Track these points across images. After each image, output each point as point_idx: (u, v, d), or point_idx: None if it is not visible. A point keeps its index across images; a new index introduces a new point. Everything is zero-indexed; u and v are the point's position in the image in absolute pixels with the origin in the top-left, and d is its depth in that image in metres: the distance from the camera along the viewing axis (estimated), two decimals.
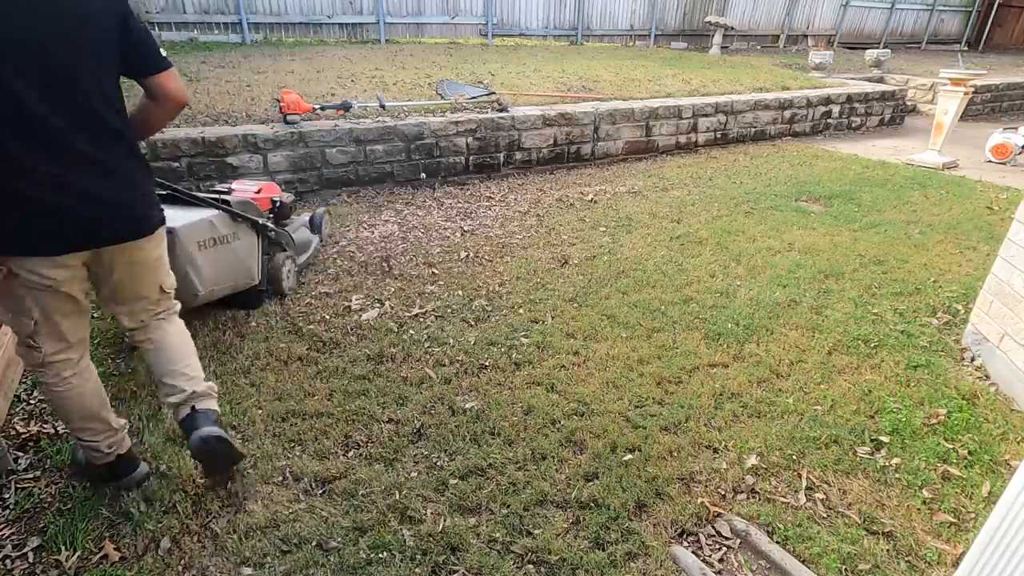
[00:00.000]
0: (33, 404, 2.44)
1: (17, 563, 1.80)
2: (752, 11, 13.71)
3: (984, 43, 18.48)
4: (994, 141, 7.01)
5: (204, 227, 2.79)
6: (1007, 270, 2.85)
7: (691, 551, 1.93)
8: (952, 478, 2.23)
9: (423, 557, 1.87)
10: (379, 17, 9.74)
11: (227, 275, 2.98)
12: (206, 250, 2.80)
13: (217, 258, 2.87)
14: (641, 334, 3.11)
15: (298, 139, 4.84)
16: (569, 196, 5.29)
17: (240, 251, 3.01)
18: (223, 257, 2.91)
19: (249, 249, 3.08)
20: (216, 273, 2.89)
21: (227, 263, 2.94)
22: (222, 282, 2.96)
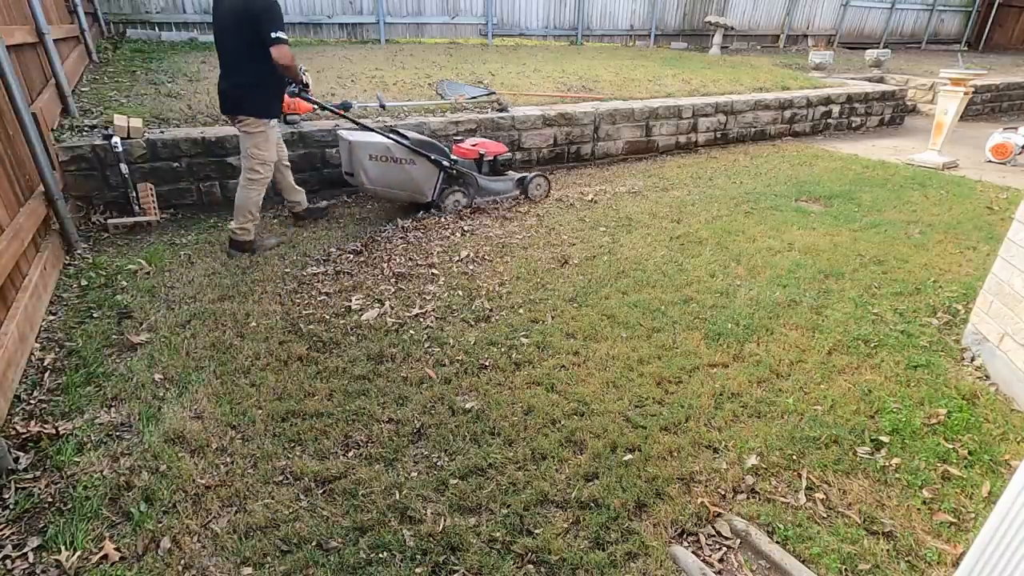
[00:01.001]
0: (33, 404, 2.44)
1: (17, 563, 1.80)
2: (752, 11, 13.71)
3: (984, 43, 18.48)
4: (994, 141, 7.01)
5: (377, 148, 4.23)
6: (1007, 270, 2.85)
7: (691, 551, 1.93)
8: (952, 478, 2.23)
9: (423, 557, 1.87)
10: (379, 17, 9.74)
11: (394, 184, 4.41)
12: (375, 161, 4.25)
13: (388, 170, 4.31)
14: (641, 334, 3.11)
15: (298, 139, 4.84)
16: (569, 196, 5.29)
17: (414, 173, 4.42)
18: (394, 171, 4.33)
19: (425, 175, 4.49)
20: (382, 179, 4.33)
21: (395, 176, 4.37)
22: (389, 187, 4.42)
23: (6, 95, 3.17)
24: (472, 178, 4.79)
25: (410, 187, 4.48)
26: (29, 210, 3.22)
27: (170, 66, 6.54)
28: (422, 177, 4.46)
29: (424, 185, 4.51)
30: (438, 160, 4.46)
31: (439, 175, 4.53)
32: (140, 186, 4.29)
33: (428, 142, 4.46)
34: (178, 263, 3.75)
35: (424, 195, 4.55)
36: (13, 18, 3.87)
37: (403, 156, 4.30)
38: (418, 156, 4.36)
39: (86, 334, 2.94)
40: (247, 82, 3.68)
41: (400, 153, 4.29)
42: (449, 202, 4.68)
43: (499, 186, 5.02)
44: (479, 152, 4.83)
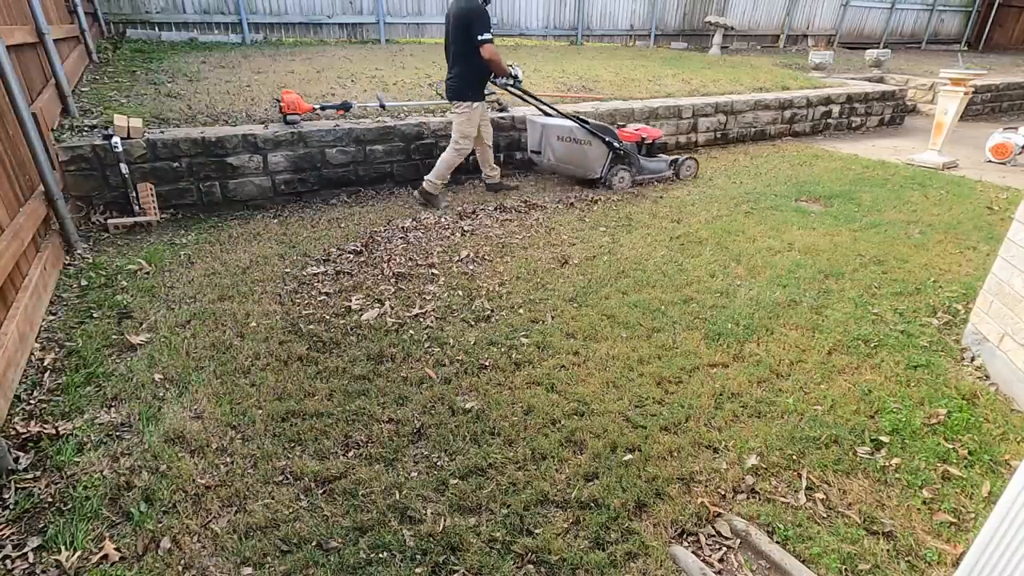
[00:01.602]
0: (33, 404, 2.44)
1: (17, 563, 1.80)
2: (752, 11, 13.72)
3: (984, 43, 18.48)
4: (994, 141, 7.01)
5: (564, 130, 5.16)
6: (1007, 270, 2.85)
7: (691, 551, 1.93)
8: (952, 478, 2.23)
9: (423, 557, 1.87)
10: (379, 17, 9.74)
11: (573, 162, 5.31)
12: (562, 141, 5.20)
13: (569, 149, 5.22)
14: (641, 334, 3.11)
15: (298, 139, 4.84)
16: (569, 196, 5.29)
17: (589, 153, 5.23)
18: (574, 150, 5.22)
19: (597, 155, 5.27)
20: (565, 156, 5.28)
21: (575, 155, 5.25)
22: (568, 164, 5.35)
23: (6, 95, 3.17)
24: (635, 158, 5.51)
25: (584, 165, 5.27)
26: (29, 210, 3.22)
27: (170, 66, 6.55)
28: (595, 156, 5.24)
29: (596, 163, 5.28)
30: (610, 142, 5.21)
31: (608, 155, 5.29)
32: (140, 186, 4.29)
33: (603, 126, 5.22)
34: (178, 263, 3.75)
35: (595, 172, 5.34)
36: (13, 18, 3.87)
37: (583, 137, 5.11)
38: (595, 138, 5.12)
39: (86, 334, 2.94)
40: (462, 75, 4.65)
41: (581, 135, 5.10)
42: (616, 179, 5.41)
43: (656, 166, 5.72)
44: (641, 136, 5.55)
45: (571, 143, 5.15)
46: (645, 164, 5.62)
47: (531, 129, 5.37)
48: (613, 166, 5.36)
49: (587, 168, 5.31)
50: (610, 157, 5.30)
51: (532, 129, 5.35)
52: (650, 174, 5.68)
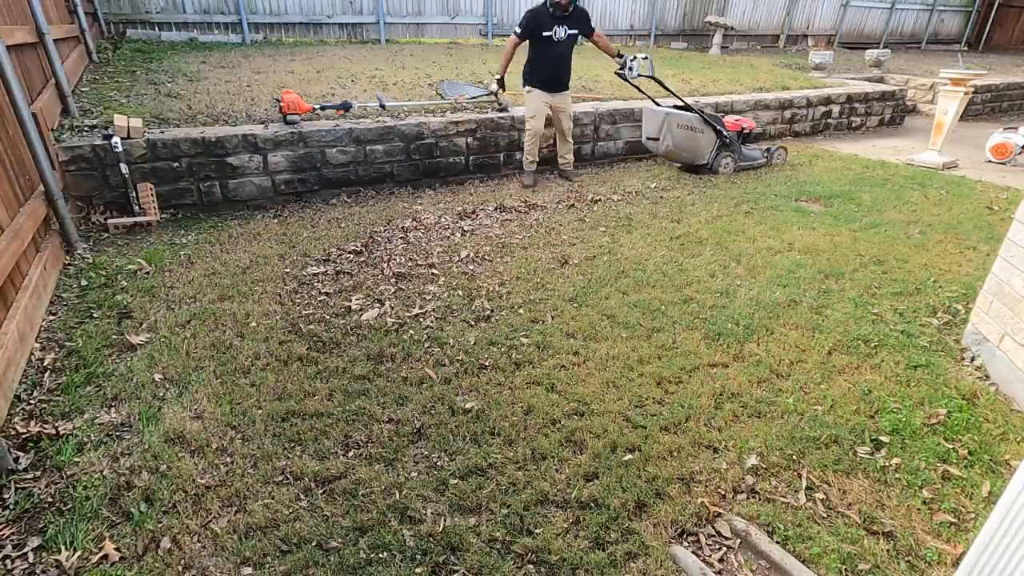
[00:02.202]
0: (33, 404, 2.44)
1: (17, 563, 1.80)
2: (752, 11, 13.71)
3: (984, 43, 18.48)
4: (994, 141, 7.01)
5: (685, 119, 5.66)
6: (1007, 270, 2.85)
7: (691, 551, 1.93)
8: (952, 478, 2.23)
9: (423, 557, 1.87)
10: (379, 17, 9.74)
11: (687, 148, 5.78)
12: (681, 129, 5.70)
13: (686, 136, 5.70)
14: (641, 334, 3.11)
15: (298, 139, 4.84)
16: (569, 196, 5.29)
17: (702, 140, 5.69)
18: (689, 137, 5.70)
19: (708, 142, 5.72)
20: (681, 143, 5.76)
21: (690, 142, 5.72)
22: (683, 149, 5.80)
23: (6, 95, 3.17)
24: (738, 147, 5.97)
25: (695, 151, 5.73)
26: (29, 210, 3.22)
27: (170, 66, 6.55)
28: (705, 143, 5.68)
29: (705, 150, 5.72)
30: (720, 131, 5.68)
31: (716, 143, 5.73)
32: (140, 186, 4.29)
33: (714, 115, 5.74)
34: (178, 263, 3.75)
35: (703, 159, 5.77)
36: (13, 18, 3.87)
37: (699, 126, 5.59)
38: (707, 126, 5.57)
39: (86, 334, 2.94)
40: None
41: (698, 124, 5.59)
42: (721, 165, 5.90)
43: (753, 154, 6.19)
44: (741, 126, 6.00)
45: (688, 131, 5.63)
46: (746, 152, 6.10)
47: (649, 117, 5.90)
48: (719, 153, 5.83)
49: (698, 154, 5.74)
50: (717, 145, 5.75)
51: (651, 117, 5.89)
52: (749, 161, 6.13)
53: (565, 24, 5.19)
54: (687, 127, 5.62)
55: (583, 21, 5.31)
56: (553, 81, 5.37)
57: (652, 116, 5.88)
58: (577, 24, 5.26)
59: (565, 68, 5.41)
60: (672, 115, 5.68)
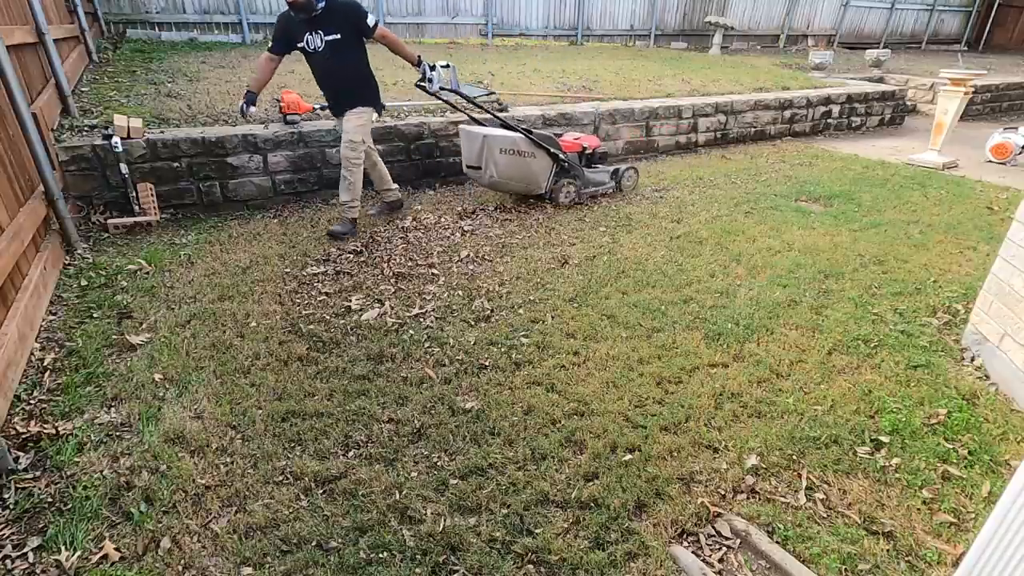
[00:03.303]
0: (33, 404, 2.44)
1: (17, 563, 1.80)
2: (752, 11, 13.72)
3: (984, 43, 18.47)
4: (994, 141, 7.01)
5: (508, 142, 4.49)
6: (1007, 270, 2.85)
7: (691, 551, 1.93)
8: (952, 478, 2.23)
9: (423, 557, 1.87)
10: (379, 17, 9.73)
11: (516, 176, 4.66)
12: (505, 154, 4.53)
13: (513, 163, 4.56)
14: (641, 334, 3.11)
15: (298, 139, 4.84)
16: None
17: (533, 166, 4.63)
18: (517, 164, 4.57)
19: (542, 168, 4.70)
20: (508, 171, 4.60)
21: (519, 169, 4.60)
22: (512, 178, 4.67)
23: (6, 95, 3.17)
24: (580, 170, 5.01)
25: (528, 180, 4.73)
26: (29, 210, 3.22)
27: (170, 66, 6.55)
28: (539, 170, 4.70)
29: (540, 178, 4.76)
30: (555, 153, 4.72)
31: (552, 168, 4.78)
32: (140, 186, 4.29)
33: (547, 136, 4.72)
34: (178, 263, 3.75)
35: (540, 187, 4.81)
36: (13, 18, 3.87)
37: (527, 149, 4.55)
38: (539, 149, 4.61)
39: (86, 334, 2.94)
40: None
41: (526, 147, 4.54)
42: (562, 194, 4.91)
43: (598, 178, 5.21)
44: (582, 145, 5.04)
45: (515, 156, 4.54)
46: (589, 176, 5.11)
47: (467, 140, 4.66)
48: (559, 179, 4.87)
49: (531, 183, 4.74)
50: (554, 170, 4.80)
51: (468, 140, 4.64)
52: (594, 186, 5.16)
53: (319, 29, 3.92)
54: (512, 151, 4.51)
55: (348, 19, 3.97)
56: (332, 104, 4.30)
57: (469, 139, 4.65)
58: (339, 26, 3.94)
59: (341, 86, 4.16)
60: (491, 137, 4.47)
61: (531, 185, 4.76)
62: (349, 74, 4.15)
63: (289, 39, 3.99)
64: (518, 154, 4.54)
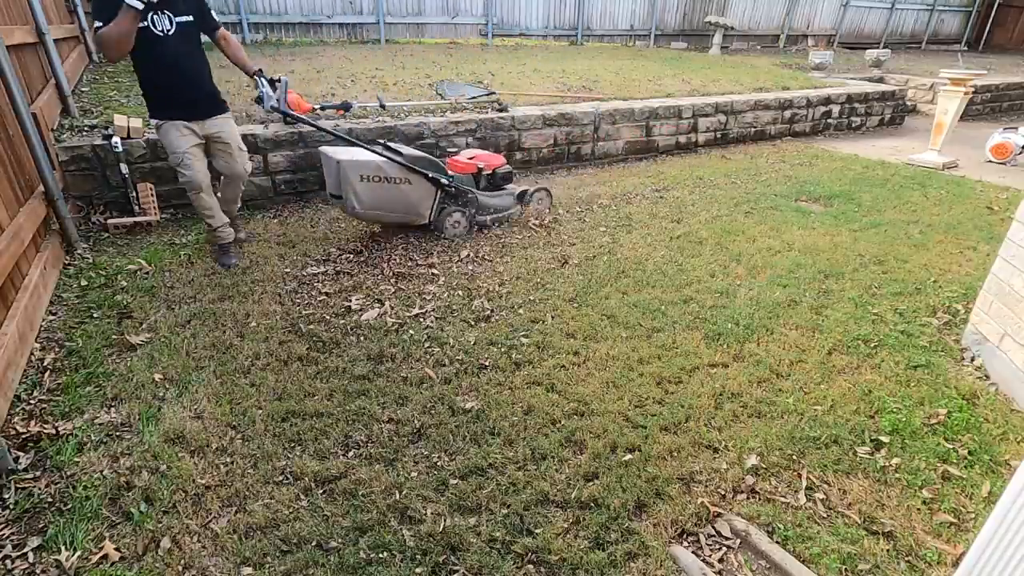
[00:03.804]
0: (33, 404, 2.44)
1: (17, 563, 1.80)
2: (752, 11, 13.72)
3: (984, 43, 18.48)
4: (994, 141, 7.01)
5: (368, 167, 3.77)
6: (1007, 270, 2.85)
7: (691, 551, 1.93)
8: (952, 478, 2.23)
9: (423, 557, 1.87)
10: (379, 17, 9.74)
11: (389, 207, 3.96)
12: (368, 182, 3.79)
13: (382, 191, 3.85)
14: (641, 334, 3.11)
15: (298, 139, 4.84)
16: (570, 196, 5.28)
17: (411, 195, 3.98)
18: (388, 192, 3.87)
19: (422, 195, 4.04)
20: (377, 200, 3.87)
21: (392, 198, 3.92)
22: (383, 208, 3.96)
23: (6, 95, 3.17)
24: (472, 195, 4.33)
25: (406, 209, 4.07)
26: (29, 210, 3.22)
27: None
28: (419, 197, 4.05)
29: (421, 206, 4.10)
30: (436, 178, 4.03)
31: (437, 194, 4.12)
32: (140, 186, 4.29)
33: (424, 157, 4.06)
34: (178, 263, 3.75)
35: (421, 217, 4.15)
36: (13, 18, 3.87)
37: (397, 175, 3.88)
38: (413, 174, 3.94)
39: (86, 334, 2.94)
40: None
41: (395, 172, 3.87)
42: (448, 223, 4.25)
43: (500, 202, 4.53)
44: (477, 166, 4.40)
45: (382, 183, 3.85)
46: (486, 201, 4.42)
47: (326, 165, 3.89)
48: (445, 206, 4.22)
49: (411, 212, 4.10)
50: (438, 196, 4.15)
51: (327, 165, 3.87)
52: (493, 212, 4.47)
53: (167, 9, 3.20)
54: (377, 178, 3.81)
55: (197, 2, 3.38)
56: (186, 102, 3.42)
57: (326, 163, 3.87)
58: (189, 7, 3.32)
59: (196, 77, 3.46)
60: (348, 163, 3.71)
61: (409, 215, 4.11)
62: (203, 68, 3.51)
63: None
64: (386, 181, 3.85)
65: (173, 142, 3.43)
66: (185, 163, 3.46)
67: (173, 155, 3.48)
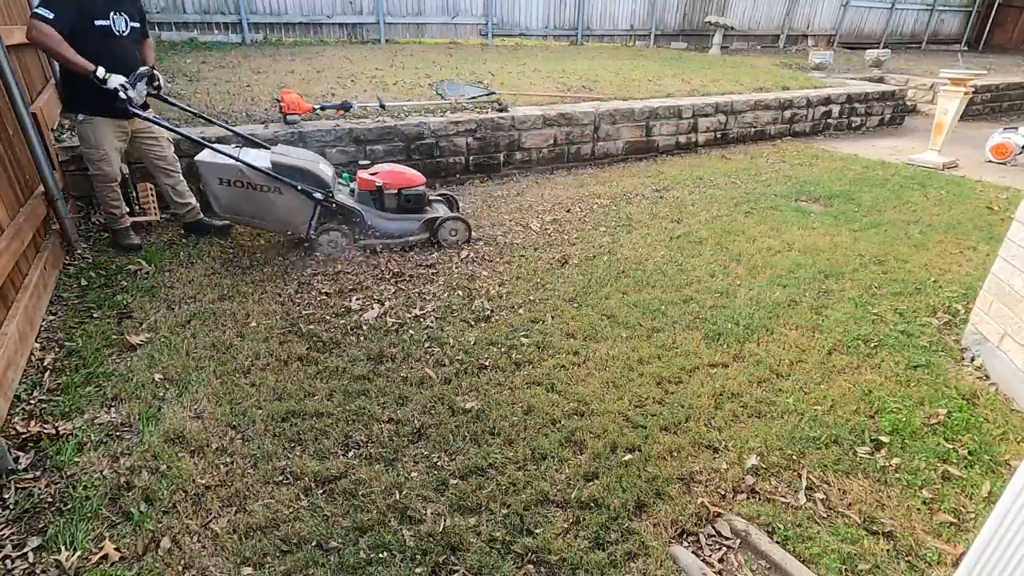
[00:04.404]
0: (33, 404, 2.44)
1: (17, 563, 1.80)
2: (752, 11, 13.71)
3: (984, 43, 18.47)
4: (994, 141, 7.01)
5: (229, 172, 3.61)
6: (1007, 270, 2.85)
7: (691, 551, 1.93)
8: (952, 478, 2.23)
9: (423, 557, 1.87)
10: (379, 17, 9.74)
11: (254, 214, 3.80)
12: (227, 186, 3.65)
13: (242, 196, 3.69)
14: (641, 334, 3.11)
15: (298, 139, 4.83)
16: (569, 196, 5.28)
17: (279, 203, 3.73)
18: (249, 199, 3.70)
19: (295, 206, 3.76)
20: (236, 207, 3.75)
21: (255, 205, 3.75)
22: (247, 215, 3.82)
23: (6, 95, 3.17)
24: (358, 214, 3.90)
25: (275, 218, 3.79)
26: (29, 210, 3.22)
27: (170, 66, 6.55)
28: (289, 208, 3.72)
29: (294, 217, 3.77)
30: (307, 190, 3.66)
31: (316, 208, 3.77)
32: (140, 186, 4.28)
33: (296, 168, 3.67)
34: (178, 263, 3.75)
35: (296, 229, 3.84)
36: (13, 18, 3.87)
37: (262, 182, 3.62)
38: (282, 184, 3.62)
39: (86, 334, 2.94)
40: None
41: (257, 179, 3.60)
42: (324, 241, 3.87)
43: (398, 226, 4.05)
44: (375, 183, 3.95)
45: (246, 189, 3.63)
46: (378, 223, 3.99)
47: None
48: (325, 222, 3.87)
49: (283, 223, 3.82)
50: (316, 211, 3.79)
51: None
52: (387, 237, 4.02)
53: (122, 11, 3.48)
54: (239, 183, 3.61)
55: (139, 8, 3.66)
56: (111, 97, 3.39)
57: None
58: (135, 14, 3.60)
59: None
60: (203, 163, 3.59)
61: (284, 225, 3.85)
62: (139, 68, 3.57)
63: (82, 13, 3.27)
64: (250, 187, 3.62)
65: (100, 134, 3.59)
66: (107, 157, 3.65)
67: (95, 150, 3.61)
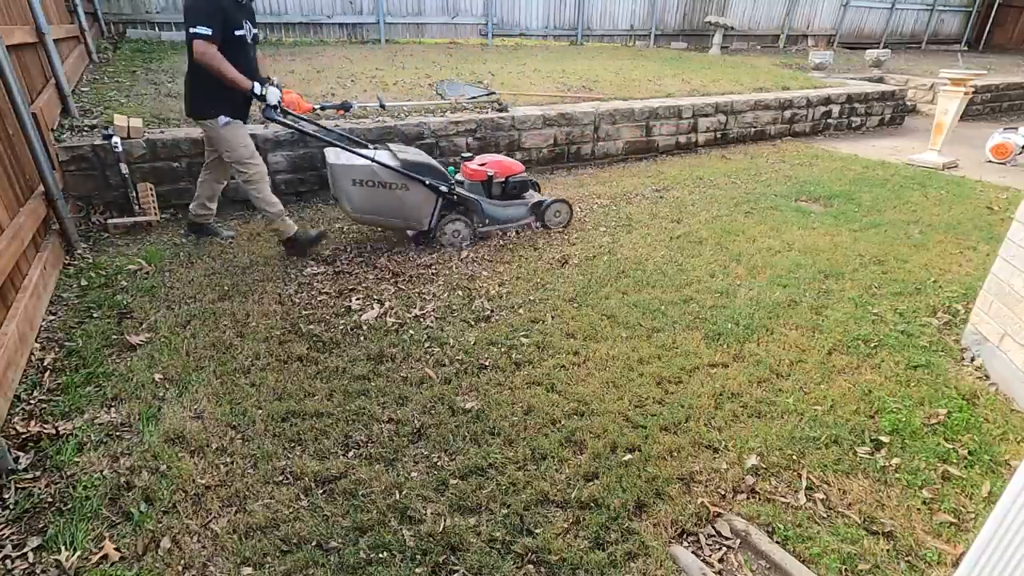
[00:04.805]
0: (33, 404, 2.44)
1: (17, 563, 1.80)
2: (752, 11, 13.72)
3: (984, 43, 18.48)
4: (994, 141, 7.01)
5: (362, 172, 3.75)
6: (1007, 270, 2.85)
7: (691, 551, 1.93)
8: (952, 478, 2.23)
9: (423, 557, 1.87)
10: (379, 17, 9.74)
11: (384, 211, 3.92)
12: (361, 186, 3.77)
13: (374, 196, 3.82)
14: (641, 334, 3.11)
15: (298, 139, 4.84)
16: (570, 197, 5.28)
17: (406, 199, 3.90)
18: (381, 197, 3.83)
19: (420, 201, 3.95)
20: (369, 206, 3.85)
21: (385, 203, 3.86)
22: (379, 213, 3.92)
23: (6, 95, 3.17)
24: (476, 204, 4.21)
25: (402, 215, 3.97)
26: (29, 210, 3.22)
27: (170, 66, 6.55)
28: (416, 203, 3.94)
29: (419, 212, 3.99)
30: (434, 185, 3.91)
31: (437, 201, 4.01)
32: (140, 186, 4.29)
33: (424, 164, 3.95)
34: (178, 263, 3.75)
35: (420, 223, 4.05)
36: (13, 18, 3.87)
37: (392, 180, 3.81)
38: (411, 180, 3.85)
39: (86, 334, 2.94)
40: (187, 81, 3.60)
41: (388, 177, 3.79)
42: (448, 231, 4.14)
43: (510, 212, 4.41)
44: (487, 173, 4.24)
45: (376, 188, 3.79)
46: (493, 211, 4.29)
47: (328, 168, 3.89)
48: (445, 214, 4.10)
49: (408, 218, 4.00)
50: (438, 204, 4.02)
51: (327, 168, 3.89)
52: (501, 222, 4.36)
53: (250, 19, 3.59)
54: (371, 183, 3.76)
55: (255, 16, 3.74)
56: (246, 102, 3.68)
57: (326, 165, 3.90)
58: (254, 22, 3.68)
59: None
60: (338, 167, 3.73)
61: (409, 220, 4.02)
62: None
63: (227, 22, 3.37)
64: (381, 186, 3.79)
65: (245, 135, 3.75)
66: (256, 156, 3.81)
67: (245, 148, 3.73)
